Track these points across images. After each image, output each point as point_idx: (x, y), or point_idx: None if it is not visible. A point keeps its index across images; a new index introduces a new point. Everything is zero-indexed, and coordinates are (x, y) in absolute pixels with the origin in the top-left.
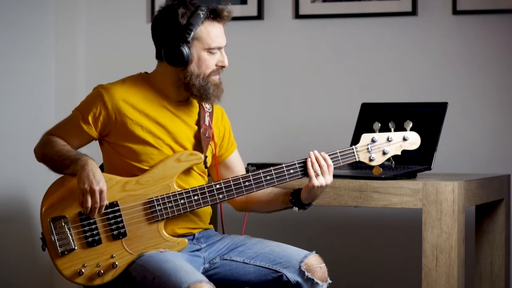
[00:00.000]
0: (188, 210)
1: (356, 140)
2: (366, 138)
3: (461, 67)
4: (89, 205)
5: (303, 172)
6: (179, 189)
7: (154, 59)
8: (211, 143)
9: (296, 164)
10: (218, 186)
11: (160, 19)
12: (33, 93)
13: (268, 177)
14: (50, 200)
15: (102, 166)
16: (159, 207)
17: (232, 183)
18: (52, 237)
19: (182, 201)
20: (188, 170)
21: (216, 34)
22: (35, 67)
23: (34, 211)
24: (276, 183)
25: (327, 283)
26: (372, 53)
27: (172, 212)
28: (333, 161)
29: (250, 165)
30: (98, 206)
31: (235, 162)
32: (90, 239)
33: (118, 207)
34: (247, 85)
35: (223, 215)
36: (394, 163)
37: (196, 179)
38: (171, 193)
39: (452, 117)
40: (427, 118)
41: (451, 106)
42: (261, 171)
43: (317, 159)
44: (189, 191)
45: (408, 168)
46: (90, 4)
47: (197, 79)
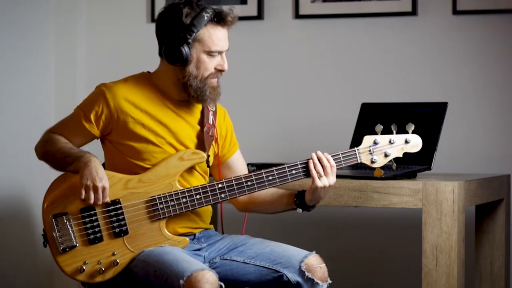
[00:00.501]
0: (190, 209)
1: (356, 140)
2: (368, 140)
3: (461, 67)
4: (91, 201)
5: (305, 173)
6: (181, 187)
7: (154, 59)
8: (213, 143)
9: (298, 164)
10: (220, 185)
11: (165, 16)
12: (33, 92)
13: (270, 177)
14: (52, 197)
15: (103, 165)
16: (161, 206)
17: (234, 182)
18: (53, 233)
19: (184, 199)
20: (190, 169)
21: (218, 38)
22: (35, 67)
23: (34, 210)
24: (278, 184)
25: (327, 283)
26: (372, 53)
27: (174, 210)
28: (335, 162)
29: (250, 165)
30: (100, 203)
31: (237, 163)
32: (92, 236)
33: (120, 205)
34: (247, 85)
35: (223, 215)
36: (396, 165)
37: (197, 179)
38: (173, 191)
39: (452, 117)
40: (427, 118)
41: (451, 106)
42: (263, 171)
43: (320, 159)
44: (191, 190)
45: (408, 168)
46: (90, 4)
47: (194, 80)
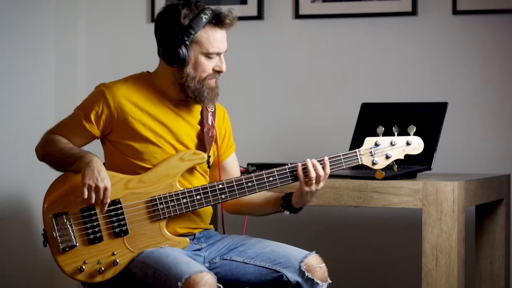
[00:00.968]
0: (190, 209)
1: (357, 140)
2: (369, 141)
3: (461, 67)
4: (93, 202)
5: (305, 174)
6: (182, 188)
7: (154, 59)
8: (213, 143)
9: (299, 166)
10: (220, 186)
11: (163, 17)
12: (33, 93)
13: (271, 178)
14: (53, 197)
15: (104, 165)
16: (161, 206)
17: (234, 183)
18: (53, 233)
19: (185, 200)
20: (191, 170)
21: (216, 39)
22: (35, 67)
23: (34, 210)
24: (279, 185)
25: (327, 283)
26: (372, 53)
27: (174, 211)
28: (336, 164)
29: (250, 165)
30: (102, 203)
31: (232, 165)
32: (92, 236)
33: (120, 205)
34: (247, 85)
35: (224, 215)
36: (397, 167)
37: (198, 179)
38: (174, 192)
39: (452, 117)
40: (427, 118)
41: (451, 106)
42: (263, 172)
43: (314, 166)
44: (191, 190)
45: (408, 168)
46: (90, 4)
47: (192, 81)
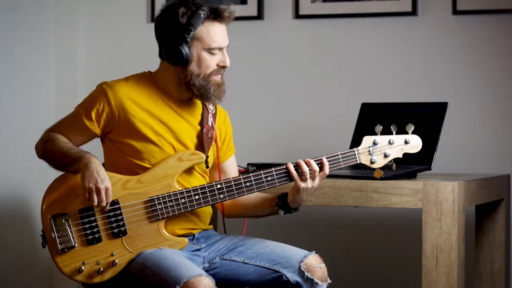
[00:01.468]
0: (189, 209)
1: (356, 140)
2: (367, 140)
3: (461, 67)
4: (95, 203)
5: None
6: (180, 188)
7: (154, 59)
8: (213, 144)
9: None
10: (219, 186)
11: (162, 18)
12: (33, 92)
13: (269, 178)
14: (51, 197)
15: (103, 165)
16: (160, 206)
17: (233, 183)
18: (52, 234)
19: (183, 200)
20: (189, 170)
21: (217, 34)
22: (35, 67)
23: (34, 210)
24: (277, 184)
25: (327, 283)
26: (372, 53)
27: (173, 211)
28: (334, 163)
29: (250, 165)
30: (105, 204)
31: (230, 167)
32: (91, 237)
33: (118, 205)
34: (247, 85)
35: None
36: (396, 166)
37: (197, 179)
38: (172, 192)
39: (452, 117)
40: (427, 118)
41: (451, 106)
42: (262, 171)
43: (307, 163)
44: (190, 190)
45: (408, 168)
46: (90, 4)
47: (197, 78)
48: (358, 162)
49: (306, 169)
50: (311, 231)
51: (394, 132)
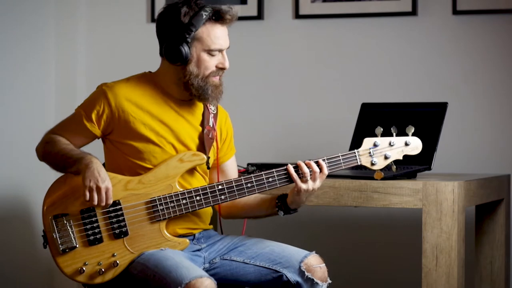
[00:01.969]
0: (190, 210)
1: (357, 140)
2: (368, 142)
3: (461, 67)
4: (95, 203)
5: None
6: (181, 189)
7: (154, 59)
8: (214, 144)
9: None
10: (220, 187)
11: (164, 16)
12: (33, 93)
13: (270, 179)
14: (52, 198)
15: (103, 165)
16: (161, 207)
17: (234, 184)
18: (53, 234)
19: (184, 201)
20: (190, 171)
21: (217, 36)
22: (35, 67)
23: (34, 210)
24: (278, 185)
25: (327, 283)
26: (372, 53)
27: (174, 212)
28: (335, 164)
29: (250, 165)
30: (105, 204)
31: (230, 168)
32: (92, 237)
33: (120, 206)
34: (247, 85)
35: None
36: (396, 167)
37: (198, 180)
38: (173, 193)
39: (452, 117)
40: (427, 118)
41: (451, 106)
42: (263, 172)
43: (308, 165)
44: (191, 191)
45: (408, 168)
46: (90, 4)
47: (195, 79)
48: (359, 163)
49: (306, 170)
50: (311, 231)
51: (395, 134)
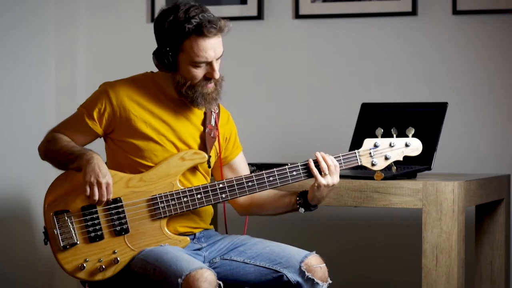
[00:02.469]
0: (191, 208)
1: (357, 140)
2: (368, 143)
3: (461, 67)
4: (96, 197)
5: (306, 173)
6: (182, 187)
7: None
8: (215, 144)
9: (299, 165)
10: (221, 185)
11: (156, 22)
12: (33, 93)
13: (271, 178)
14: (54, 195)
15: (105, 163)
16: (162, 205)
17: (235, 183)
18: (54, 230)
19: (185, 199)
20: (192, 169)
21: (202, 49)
22: (35, 67)
23: (34, 210)
24: (279, 184)
25: (327, 283)
26: (372, 53)
27: (175, 210)
28: None
29: (250, 165)
30: (105, 199)
31: (240, 164)
32: (93, 234)
33: (121, 203)
34: (247, 85)
35: (226, 216)
36: (396, 168)
37: (199, 179)
38: (174, 191)
39: (452, 117)
40: (427, 118)
41: (451, 106)
42: (264, 171)
43: (324, 158)
44: (192, 189)
45: (408, 168)
46: (90, 4)
47: (183, 87)
48: (359, 163)
49: (324, 165)
50: (311, 231)
51: (395, 135)
